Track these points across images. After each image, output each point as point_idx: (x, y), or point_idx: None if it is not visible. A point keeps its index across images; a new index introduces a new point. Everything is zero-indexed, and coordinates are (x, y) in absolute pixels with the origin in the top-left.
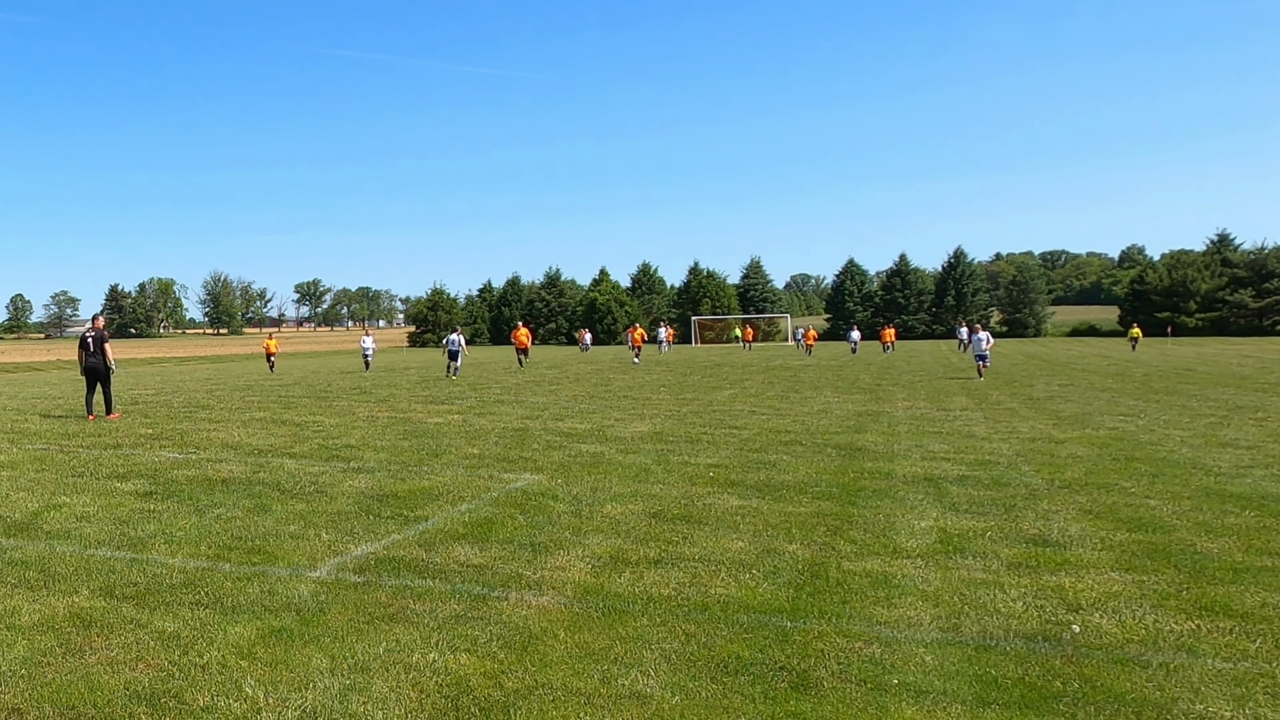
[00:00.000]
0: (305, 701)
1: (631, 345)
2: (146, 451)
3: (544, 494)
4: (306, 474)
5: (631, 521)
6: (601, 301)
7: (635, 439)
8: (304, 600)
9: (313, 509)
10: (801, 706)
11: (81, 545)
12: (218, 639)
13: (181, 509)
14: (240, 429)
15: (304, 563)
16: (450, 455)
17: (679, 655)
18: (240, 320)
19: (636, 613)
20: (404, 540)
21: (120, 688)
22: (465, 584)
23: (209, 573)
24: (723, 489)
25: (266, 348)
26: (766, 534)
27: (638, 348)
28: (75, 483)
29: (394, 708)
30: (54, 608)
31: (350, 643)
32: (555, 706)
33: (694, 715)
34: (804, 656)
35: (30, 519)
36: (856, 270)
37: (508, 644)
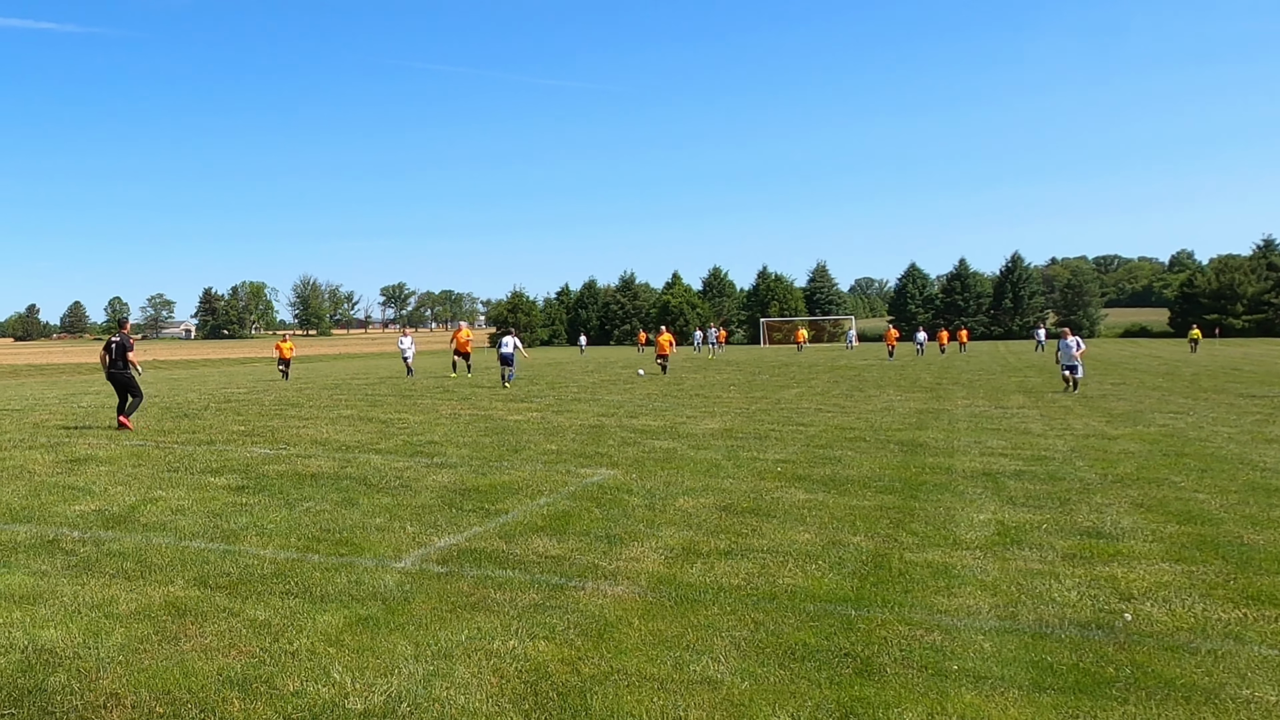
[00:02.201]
0: (390, 687)
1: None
2: (239, 447)
3: (619, 488)
4: (392, 469)
5: (703, 514)
6: (674, 304)
7: (706, 435)
8: (389, 590)
9: (398, 502)
10: (865, 691)
11: (177, 537)
12: (307, 627)
13: (272, 502)
14: (328, 426)
15: (389, 554)
16: (529, 451)
17: (748, 642)
18: (328, 322)
19: (707, 602)
20: (485, 532)
21: (214, 674)
22: (544, 574)
23: (298, 563)
24: (790, 483)
25: (279, 350)
26: (832, 526)
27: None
28: (170, 477)
29: (475, 693)
30: (150, 597)
31: (434, 630)
32: (630, 691)
33: (762, 700)
34: (868, 643)
35: (128, 512)
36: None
37: (584, 632)
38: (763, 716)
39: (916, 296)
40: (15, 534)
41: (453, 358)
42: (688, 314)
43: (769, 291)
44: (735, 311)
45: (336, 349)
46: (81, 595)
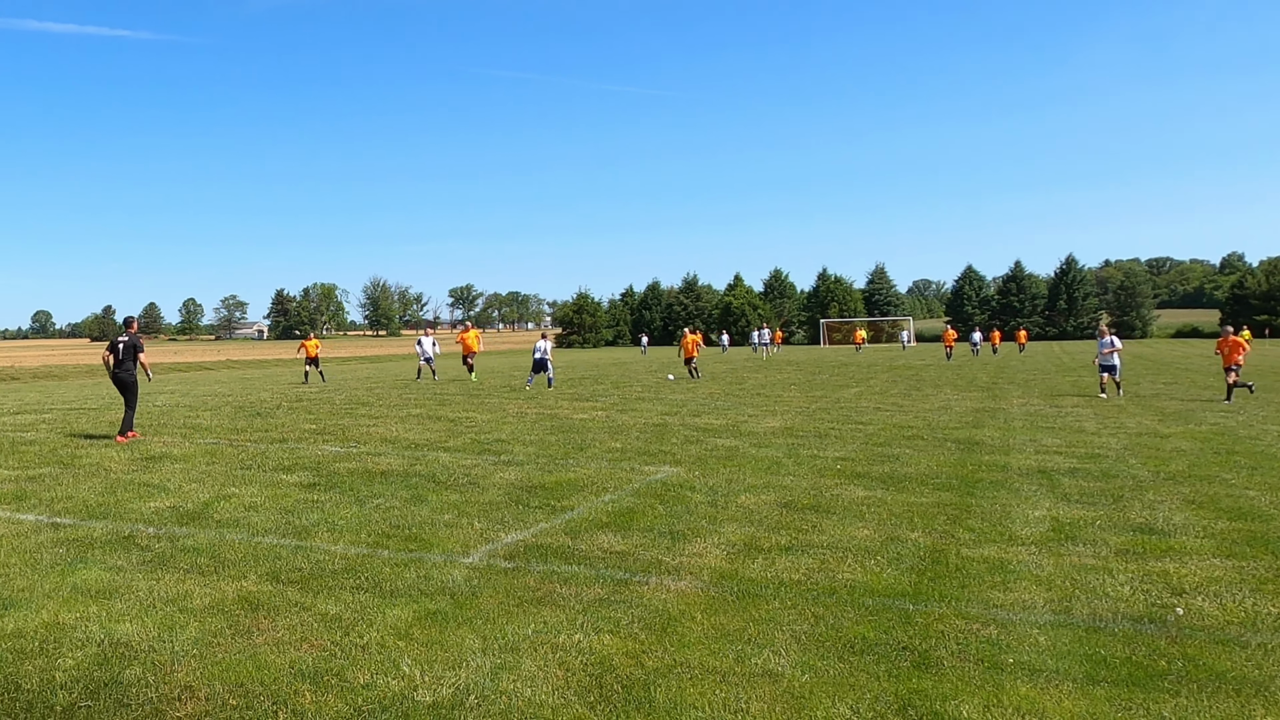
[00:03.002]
0: (459, 679)
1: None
2: (310, 445)
3: (682, 485)
4: (460, 466)
5: (764, 511)
6: (736, 305)
7: (767, 434)
8: (458, 584)
9: (466, 499)
10: (923, 684)
11: (249, 533)
12: (377, 621)
13: (343, 499)
14: (398, 424)
15: (458, 549)
16: (594, 449)
17: (808, 636)
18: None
19: (769, 596)
20: (551, 528)
21: (286, 666)
22: (608, 569)
23: (369, 559)
24: (849, 481)
25: (304, 349)
26: (890, 523)
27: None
28: (243, 475)
29: (542, 685)
30: (224, 591)
31: (501, 624)
32: (693, 684)
33: (822, 692)
34: (925, 637)
35: (202, 509)
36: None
37: (648, 625)
38: (822, 709)
39: (973, 298)
40: (92, 530)
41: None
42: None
43: (829, 293)
44: (796, 312)
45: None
46: (156, 590)
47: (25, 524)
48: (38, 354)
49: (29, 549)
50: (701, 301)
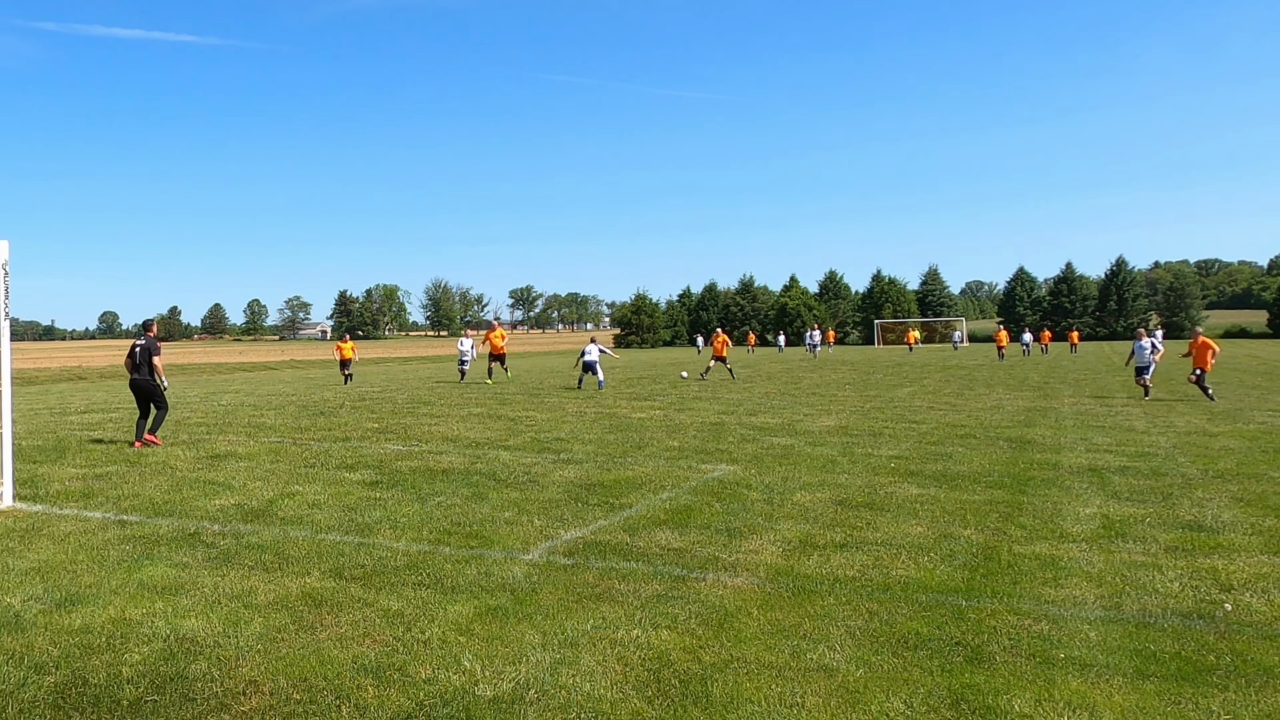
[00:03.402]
0: (519, 674)
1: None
2: (373, 444)
3: (739, 483)
4: (520, 465)
5: (819, 509)
6: (792, 306)
7: (823, 432)
8: (518, 581)
9: (526, 497)
10: (976, 679)
11: (313, 530)
12: (438, 616)
13: (405, 497)
14: (459, 423)
15: (518, 546)
16: (652, 448)
17: (863, 631)
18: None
19: (824, 592)
20: (610, 526)
21: (349, 661)
22: (666, 566)
23: (430, 555)
24: (903, 478)
25: (339, 352)
26: (943, 520)
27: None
28: (307, 473)
29: (600, 680)
30: (288, 588)
31: (560, 620)
32: (749, 679)
33: (877, 687)
34: (978, 633)
35: (266, 506)
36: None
37: (705, 621)
38: (877, 703)
39: (1025, 299)
40: (158, 527)
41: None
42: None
43: (883, 294)
44: (850, 313)
45: None
46: (221, 586)
47: (93, 521)
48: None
49: (96, 546)
50: (758, 302)
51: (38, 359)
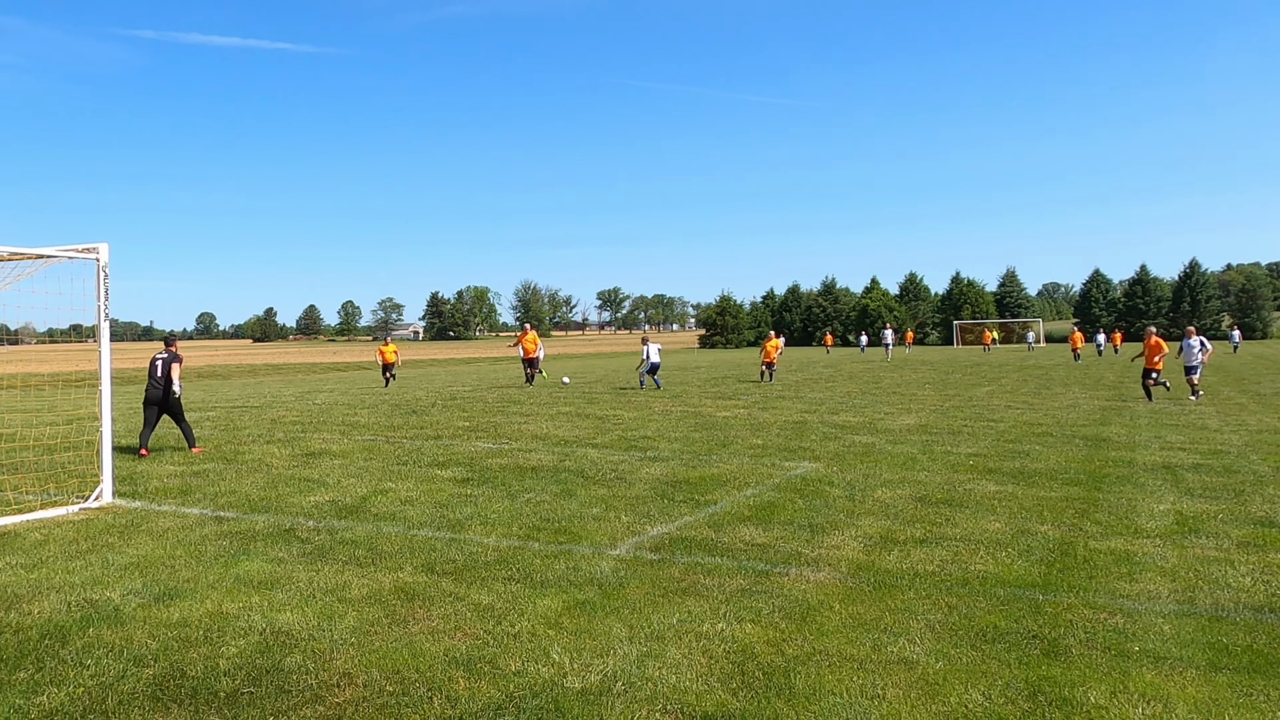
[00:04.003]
0: (606, 667)
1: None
2: (464, 442)
3: (821, 480)
4: (608, 462)
5: (899, 505)
6: (873, 307)
7: (903, 431)
8: (605, 575)
9: (613, 494)
10: (1052, 671)
11: (405, 526)
12: (528, 610)
13: (495, 494)
14: (548, 422)
15: (605, 542)
16: (737, 445)
17: (942, 625)
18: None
19: (904, 587)
20: (695, 522)
21: (440, 654)
22: (750, 561)
23: (520, 551)
24: (981, 476)
25: (380, 356)
26: (1021, 516)
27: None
28: (400, 470)
29: (686, 672)
30: (381, 582)
31: (647, 614)
32: (831, 671)
33: (955, 679)
34: (1054, 626)
35: (360, 503)
36: (1101, 279)
37: (788, 615)
38: (956, 695)
39: (1100, 300)
40: (254, 523)
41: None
42: (885, 317)
43: (961, 295)
44: (930, 314)
45: (555, 350)
46: (316, 581)
47: (190, 518)
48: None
49: (194, 542)
50: (839, 304)
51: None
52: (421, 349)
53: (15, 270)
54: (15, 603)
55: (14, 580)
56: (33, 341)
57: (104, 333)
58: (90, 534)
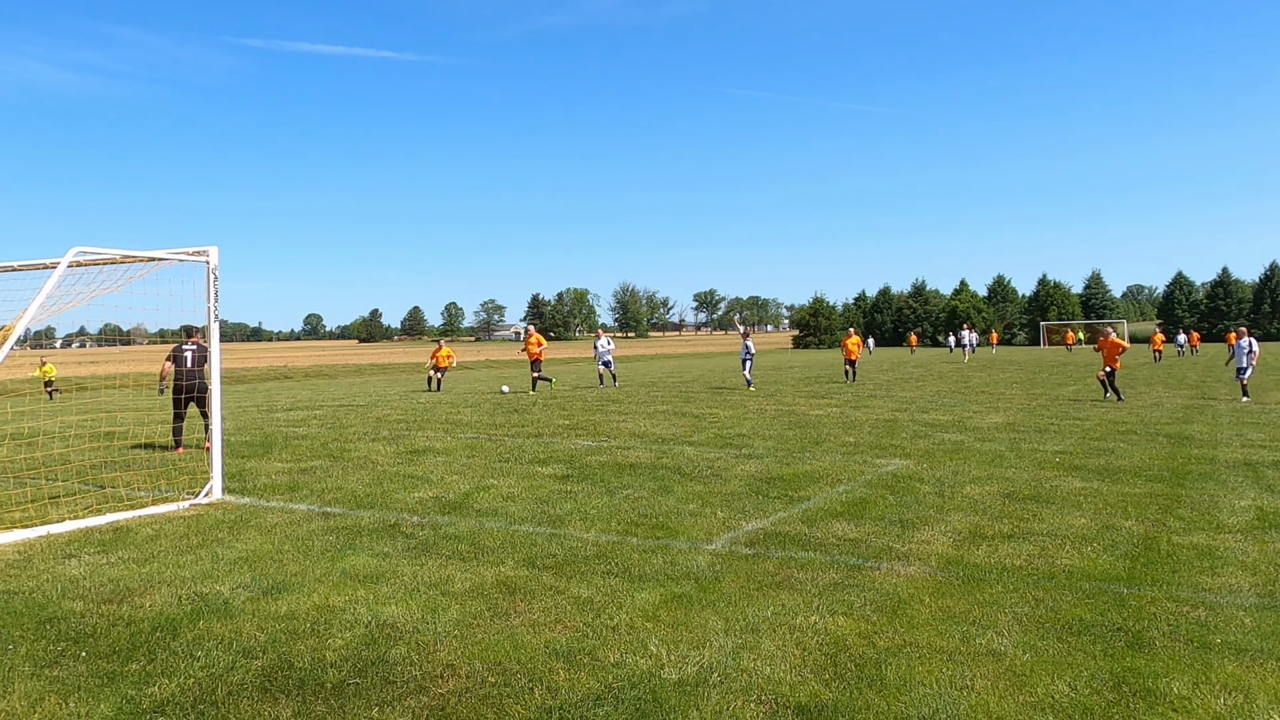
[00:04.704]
0: (703, 658)
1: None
2: (564, 440)
3: (911, 477)
4: (704, 459)
5: (988, 501)
6: (962, 309)
7: (991, 429)
8: (701, 570)
9: (709, 490)
10: (1136, 663)
11: (507, 522)
12: (626, 603)
13: (594, 490)
14: (646, 420)
15: (701, 537)
16: (829, 443)
17: (1029, 618)
18: (645, 325)
19: (992, 581)
20: (789, 517)
21: (541, 646)
22: (842, 555)
23: (618, 546)
24: (1067, 473)
25: (434, 359)
26: (1105, 512)
27: (851, 360)
28: (501, 467)
29: (780, 664)
30: (483, 576)
31: (742, 607)
32: (921, 663)
33: (1042, 670)
34: (1139, 619)
35: (462, 499)
36: (1184, 281)
37: (879, 608)
38: (1043, 686)
39: (1183, 302)
40: (360, 519)
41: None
42: (974, 318)
43: (1048, 297)
44: (1017, 315)
45: (653, 350)
46: (420, 575)
47: (298, 513)
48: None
49: (301, 536)
50: (929, 305)
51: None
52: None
53: (128, 272)
54: (127, 596)
55: (126, 574)
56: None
57: (214, 333)
58: (200, 529)
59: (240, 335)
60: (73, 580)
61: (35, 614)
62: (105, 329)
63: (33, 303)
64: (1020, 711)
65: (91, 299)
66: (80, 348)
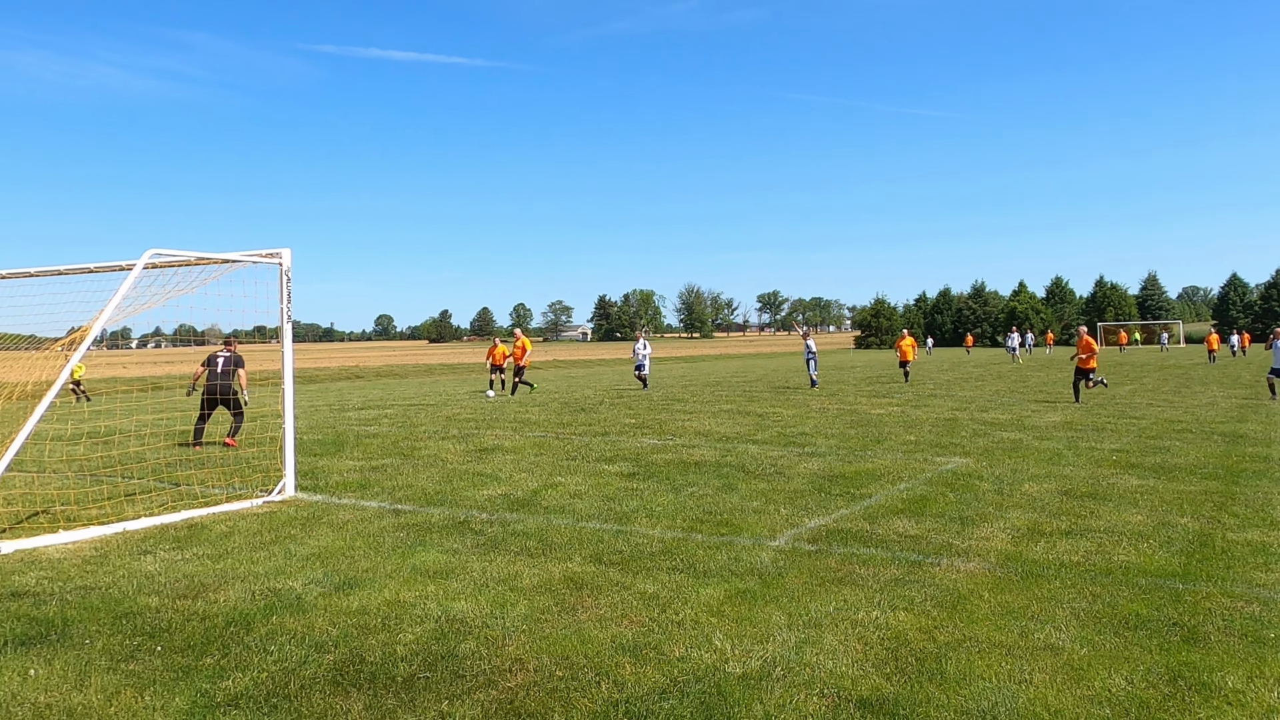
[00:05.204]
0: (766, 652)
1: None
2: (630, 438)
3: (971, 475)
4: (767, 457)
5: (1046, 498)
6: (1020, 310)
7: (1049, 427)
8: (765, 566)
9: (773, 487)
10: (1191, 657)
11: (574, 518)
12: (691, 599)
13: (660, 488)
14: (710, 419)
15: (765, 533)
16: (890, 441)
17: (1086, 613)
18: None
19: (1050, 576)
20: (851, 514)
21: (607, 641)
22: (903, 552)
23: (683, 542)
24: (1124, 470)
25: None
26: (1161, 509)
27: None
28: (569, 465)
29: (842, 658)
30: (551, 572)
31: (804, 602)
32: (980, 657)
33: (1099, 664)
34: (1194, 614)
35: (530, 496)
36: (1239, 283)
37: (940, 603)
38: (1100, 679)
39: (1238, 303)
40: (430, 516)
41: (512, 379)
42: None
43: (1105, 299)
44: (1075, 316)
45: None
46: (489, 571)
47: (369, 510)
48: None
49: (373, 533)
50: (989, 306)
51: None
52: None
53: (203, 274)
54: (202, 591)
55: (201, 570)
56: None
57: (286, 334)
58: (273, 526)
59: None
60: (148, 576)
61: (112, 609)
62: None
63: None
64: (1078, 705)
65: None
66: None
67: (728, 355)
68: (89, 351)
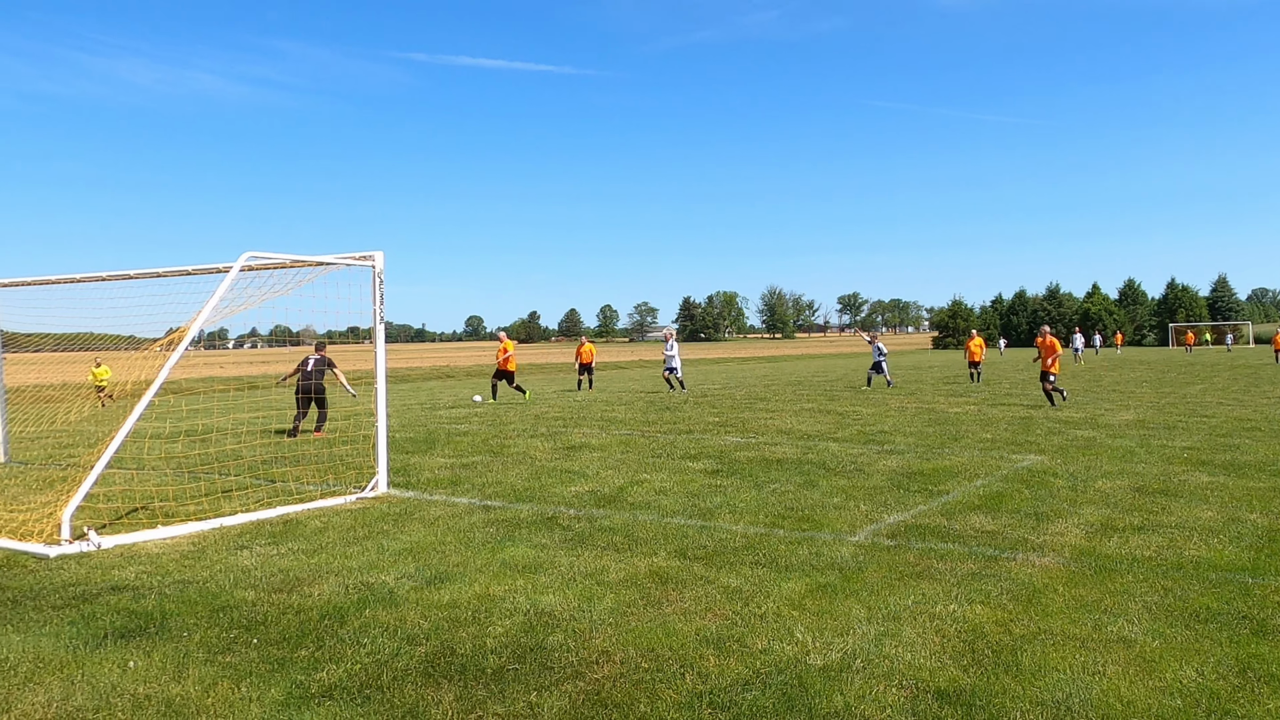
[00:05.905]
0: (846, 645)
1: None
2: (714, 436)
3: (1045, 472)
4: (847, 455)
5: (1118, 495)
6: (1094, 311)
7: (1122, 426)
8: (845, 560)
9: (852, 484)
10: (1260, 649)
11: (659, 514)
12: (773, 593)
13: (743, 484)
14: (792, 417)
15: (845, 529)
16: (967, 439)
17: (1158, 606)
18: (792, 326)
19: (1123, 571)
20: (929, 510)
21: (692, 633)
22: (979, 547)
23: (765, 537)
24: (1195, 468)
25: (579, 356)
26: (1231, 505)
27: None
28: (654, 462)
29: (920, 650)
30: (636, 567)
31: (884, 596)
32: (1055, 649)
33: (1170, 656)
34: (1263, 607)
35: (617, 493)
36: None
37: (1015, 597)
38: (1171, 671)
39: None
40: (519, 512)
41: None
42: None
43: (1176, 300)
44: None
45: (799, 350)
46: (576, 565)
47: (460, 506)
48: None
49: (463, 529)
50: (1063, 308)
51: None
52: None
53: (297, 276)
54: (297, 585)
55: (296, 564)
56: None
57: (379, 335)
58: (366, 522)
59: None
60: (244, 570)
61: (209, 603)
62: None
63: (206, 305)
64: (1150, 696)
65: (263, 301)
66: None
67: (809, 355)
68: (187, 352)
